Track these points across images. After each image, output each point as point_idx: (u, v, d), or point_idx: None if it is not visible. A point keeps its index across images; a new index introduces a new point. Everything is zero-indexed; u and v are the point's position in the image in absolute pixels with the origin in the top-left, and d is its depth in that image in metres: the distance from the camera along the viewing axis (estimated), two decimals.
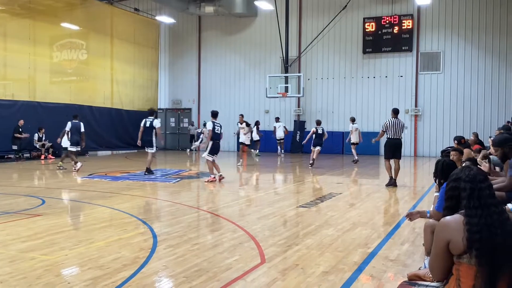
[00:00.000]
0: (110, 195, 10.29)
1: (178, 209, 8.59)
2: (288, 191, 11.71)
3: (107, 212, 8.40)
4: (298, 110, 26.91)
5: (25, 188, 11.35)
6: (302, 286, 4.39)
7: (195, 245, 5.93)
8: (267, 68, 27.23)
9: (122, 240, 6.15)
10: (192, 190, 12.00)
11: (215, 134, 12.97)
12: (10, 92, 20.89)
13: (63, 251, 5.53)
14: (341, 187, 12.35)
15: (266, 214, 8.13)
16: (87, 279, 4.48)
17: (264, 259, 5.25)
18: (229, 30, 28.55)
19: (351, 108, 25.60)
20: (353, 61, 25.74)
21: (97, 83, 25.48)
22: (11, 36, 20.60)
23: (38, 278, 4.50)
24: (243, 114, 20.15)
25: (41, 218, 7.47)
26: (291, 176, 15.85)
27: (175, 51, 30.41)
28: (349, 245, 5.95)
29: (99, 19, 25.04)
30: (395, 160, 11.97)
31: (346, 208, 8.83)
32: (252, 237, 6.33)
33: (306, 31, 26.61)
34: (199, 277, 4.60)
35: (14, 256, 5.24)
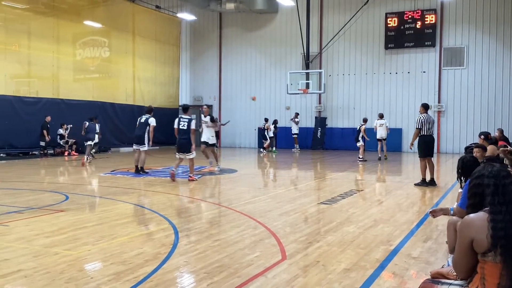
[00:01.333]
0: (132, 191, 10.39)
1: (199, 206, 8.63)
2: (309, 188, 11.67)
3: (129, 208, 8.48)
4: (319, 106, 26.78)
5: (49, 184, 11.54)
6: (323, 282, 4.36)
7: (216, 241, 5.94)
8: (288, 65, 27.14)
9: (144, 235, 6.20)
10: (212, 186, 12.04)
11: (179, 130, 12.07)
12: (35, 90, 21.24)
13: (86, 246, 5.60)
14: (362, 184, 12.25)
15: (287, 210, 8.11)
16: (109, 274, 4.53)
17: (285, 256, 5.23)
18: (249, 26, 28.53)
19: (373, 104, 25.38)
20: (375, 57, 25.49)
21: (119, 80, 25.74)
22: (35, 34, 20.94)
23: (61, 273, 4.56)
24: (208, 105, 15.74)
25: (65, 214, 7.58)
26: (312, 173, 15.79)
27: (196, 48, 30.53)
28: (371, 242, 5.89)
29: (121, 16, 25.28)
30: (429, 158, 11.53)
31: (368, 205, 8.76)
32: (273, 233, 6.32)
33: (327, 27, 26.44)
34: (220, 273, 4.61)
35: (38, 251, 5.33)
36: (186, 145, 11.99)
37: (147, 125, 13.72)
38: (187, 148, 12.03)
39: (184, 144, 11.96)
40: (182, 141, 11.97)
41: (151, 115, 14.09)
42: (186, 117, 12.16)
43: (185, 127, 11.91)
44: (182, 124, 11.97)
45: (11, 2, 20.03)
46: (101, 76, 25.10)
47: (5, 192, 10.15)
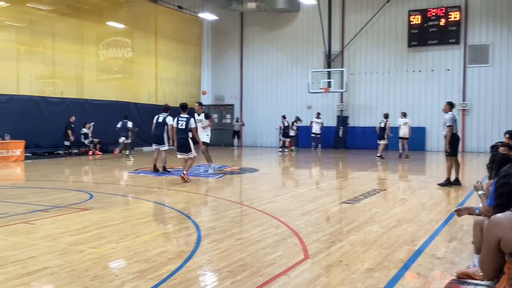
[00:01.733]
0: (155, 190, 10.49)
1: (221, 204, 8.66)
2: (331, 187, 11.61)
3: (152, 207, 8.57)
4: (341, 105, 26.63)
5: (74, 183, 11.72)
6: (346, 282, 4.34)
7: (239, 240, 5.96)
8: (309, 63, 27.05)
9: (167, 234, 6.25)
10: (234, 185, 12.08)
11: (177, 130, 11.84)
12: (59, 90, 21.59)
13: (111, 244, 5.67)
14: (385, 183, 12.14)
15: (309, 210, 8.09)
16: (133, 272, 4.58)
17: (307, 255, 5.22)
18: (271, 25, 28.52)
19: (396, 102, 25.12)
20: (397, 55, 25.24)
21: (142, 80, 26.00)
22: (60, 35, 21.28)
23: (86, 270, 4.63)
24: (201, 103, 14.72)
25: (89, 212, 7.69)
26: (334, 172, 15.71)
27: (217, 47, 30.64)
28: (394, 242, 5.83)
29: (143, 17, 25.52)
30: (455, 157, 11.17)
31: (391, 205, 8.67)
32: (295, 232, 6.31)
33: (349, 25, 26.27)
34: (242, 271, 4.62)
35: (64, 249, 5.41)
36: (186, 144, 11.76)
37: (165, 124, 13.65)
38: (186, 148, 11.77)
39: (183, 144, 11.74)
40: (181, 141, 11.75)
41: (168, 113, 13.98)
42: (184, 116, 11.86)
43: (183, 126, 11.69)
44: (180, 123, 11.73)
45: (36, 4, 20.38)
46: (124, 76, 25.39)
47: (31, 191, 10.35)
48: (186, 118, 11.77)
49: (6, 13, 19.73)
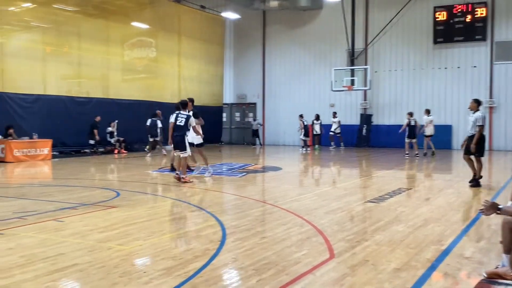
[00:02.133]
0: (180, 188, 10.57)
1: (245, 203, 8.68)
2: (355, 186, 11.53)
3: (177, 205, 8.64)
4: (364, 103, 26.41)
5: (100, 181, 11.90)
6: (373, 282, 4.31)
7: (263, 238, 5.97)
8: (332, 61, 26.90)
9: (192, 232, 6.30)
10: (257, 184, 12.10)
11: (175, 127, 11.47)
12: (85, 90, 21.93)
13: (138, 241, 5.75)
14: (411, 182, 12.01)
15: (334, 208, 8.06)
16: (161, 269, 4.63)
17: (333, 254, 5.20)
18: (293, 24, 28.44)
19: (421, 100, 24.81)
20: (423, 52, 24.92)
21: (165, 79, 26.23)
22: (85, 36, 21.60)
23: (115, 267, 4.70)
24: (192, 99, 12.84)
25: (116, 210, 7.81)
26: (357, 171, 15.60)
27: (240, 46, 30.70)
28: (421, 242, 5.77)
29: (167, 17, 25.74)
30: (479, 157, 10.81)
31: (417, 204, 8.57)
32: (320, 231, 6.30)
33: (373, 22, 26.03)
34: (268, 270, 4.63)
35: (93, 246, 5.51)
36: (181, 142, 11.42)
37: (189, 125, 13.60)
38: (181, 146, 11.44)
39: (178, 141, 11.43)
40: (177, 138, 11.43)
41: None
42: (184, 113, 11.50)
43: (182, 123, 11.34)
44: (179, 120, 11.38)
45: (62, 5, 20.73)
46: (148, 76, 25.66)
47: (59, 189, 10.55)
48: (186, 115, 11.46)
49: (33, 14, 20.12)
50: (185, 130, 11.40)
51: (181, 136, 11.37)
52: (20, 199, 8.96)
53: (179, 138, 11.41)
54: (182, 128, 11.34)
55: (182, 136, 11.37)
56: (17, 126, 17.96)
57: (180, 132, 11.37)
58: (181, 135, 11.36)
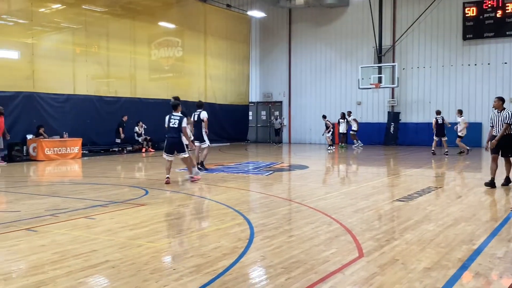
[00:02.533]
0: (207, 186, 10.65)
1: (272, 201, 8.69)
2: (383, 185, 11.42)
3: (205, 203, 8.71)
4: (392, 101, 26.11)
5: (129, 179, 12.08)
6: (403, 281, 4.27)
7: (291, 237, 5.97)
8: (359, 59, 26.67)
9: (221, 230, 6.34)
10: (284, 182, 12.09)
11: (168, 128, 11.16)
12: (114, 89, 22.26)
13: (167, 239, 5.82)
14: (440, 181, 11.83)
15: (362, 207, 8.00)
16: (190, 266, 4.68)
17: (362, 253, 5.17)
18: (319, 21, 28.30)
19: (450, 98, 24.41)
20: (452, 49, 24.49)
21: (192, 78, 26.42)
22: (113, 36, 21.92)
23: (145, 264, 4.77)
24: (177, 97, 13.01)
25: (145, 208, 7.92)
26: (385, 169, 15.44)
27: (265, 44, 30.70)
28: (452, 241, 5.69)
29: (193, 16, 25.92)
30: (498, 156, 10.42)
31: (447, 203, 8.45)
32: (348, 230, 6.27)
33: (401, 18, 25.71)
34: (296, 268, 4.63)
35: (123, 243, 5.60)
36: (177, 144, 11.12)
37: (202, 120, 13.58)
38: (178, 147, 11.13)
39: (174, 143, 11.11)
40: (172, 140, 11.10)
41: (202, 109, 13.94)
42: (177, 114, 11.17)
43: (176, 125, 11.02)
44: (173, 122, 11.07)
45: (91, 6, 21.09)
46: (174, 75, 25.89)
47: (90, 187, 10.75)
48: (179, 116, 11.14)
49: (63, 15, 20.52)
50: (179, 132, 11.10)
51: (176, 138, 11.07)
52: (52, 197, 9.16)
53: (174, 140, 11.09)
54: (176, 129, 11.05)
55: (177, 138, 11.08)
56: (48, 126, 18.37)
57: (175, 134, 11.06)
58: (176, 137, 11.06)
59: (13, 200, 9.08)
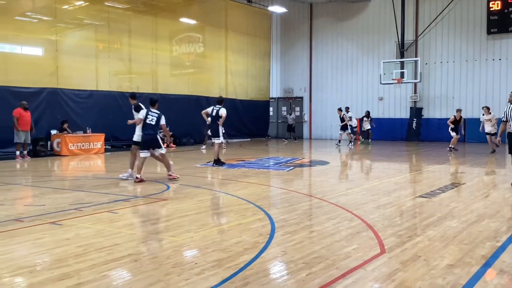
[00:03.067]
0: (228, 182, 10.69)
1: (293, 197, 8.69)
2: (405, 181, 11.32)
3: (226, 198, 8.75)
4: (414, 96, 25.81)
5: (151, 174, 12.17)
6: (425, 278, 4.24)
7: (312, 232, 5.96)
8: (381, 54, 26.42)
9: (242, 225, 6.37)
10: (305, 178, 12.07)
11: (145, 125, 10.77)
12: (135, 85, 22.47)
13: (189, 233, 5.87)
14: (464, 177, 11.67)
15: (383, 203, 7.94)
16: (212, 260, 4.72)
17: (384, 249, 5.14)
18: (341, 16, 28.10)
19: (474, 93, 24.01)
20: (476, 43, 24.07)
21: (213, 74, 26.52)
22: (135, 32, 22.12)
23: (168, 258, 4.82)
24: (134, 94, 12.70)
25: (167, 203, 7.99)
26: (407, 165, 15.29)
27: (286, 40, 30.61)
28: (476, 238, 5.61)
29: (214, 12, 25.99)
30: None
31: (471, 199, 8.33)
32: (370, 226, 6.23)
33: (423, 13, 25.36)
34: (318, 264, 4.63)
35: (146, 237, 5.67)
36: (153, 140, 10.77)
37: (219, 117, 13.52)
38: (154, 143, 10.78)
39: (151, 140, 10.75)
40: (148, 137, 10.74)
41: (222, 105, 13.80)
42: (155, 111, 10.90)
43: (153, 122, 10.71)
44: (150, 118, 10.74)
45: (113, 3, 21.32)
46: (195, 71, 26.01)
47: (113, 181, 10.89)
48: (157, 114, 10.86)
49: (86, 12, 20.77)
50: (156, 129, 10.80)
51: (152, 135, 10.76)
52: (76, 191, 9.31)
53: (150, 137, 10.75)
54: (153, 127, 10.73)
55: (153, 135, 10.77)
56: (71, 121, 18.64)
57: (151, 131, 10.74)
58: (151, 134, 10.74)
59: (38, 194, 9.25)
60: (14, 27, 17.78)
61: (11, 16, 17.88)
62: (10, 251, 5.11)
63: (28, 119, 16.19)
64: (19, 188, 10.42)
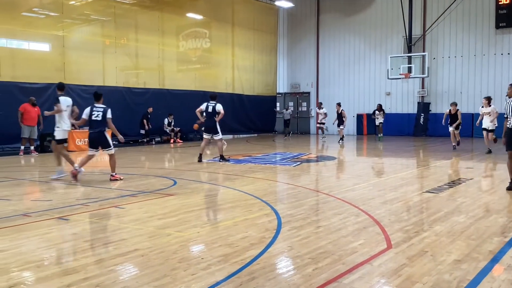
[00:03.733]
0: (234, 177, 10.69)
1: (300, 192, 8.68)
2: (412, 176, 11.27)
3: (232, 194, 8.74)
4: (422, 91, 25.68)
5: (158, 170, 12.21)
6: (432, 273, 4.22)
7: (319, 227, 5.95)
8: (388, 49, 26.29)
9: (248, 220, 6.37)
10: (312, 173, 12.05)
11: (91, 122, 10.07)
12: (142, 81, 22.53)
13: (195, 228, 5.87)
14: (471, 172, 11.60)
15: (390, 199, 7.91)
16: (218, 255, 4.72)
17: (390, 245, 5.12)
18: (348, 11, 27.97)
19: (482, 88, 23.84)
20: (484, 37, 23.88)
21: (219, 69, 26.52)
22: (142, 28, 22.15)
23: (174, 253, 4.83)
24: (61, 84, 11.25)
25: (174, 198, 8.00)
26: (414, 160, 15.22)
27: (293, 35, 30.53)
28: (483, 233, 5.58)
29: (221, 8, 25.96)
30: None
31: (478, 195, 8.28)
32: (376, 221, 6.21)
33: (431, 7, 25.19)
34: (324, 259, 4.62)
35: (152, 232, 5.68)
36: (101, 138, 10.10)
37: (216, 114, 13.24)
38: (102, 142, 10.15)
39: (98, 137, 10.08)
40: (95, 134, 10.05)
41: (216, 101, 13.50)
42: (100, 106, 10.10)
43: (99, 117, 9.95)
44: (95, 114, 9.95)
45: None
46: (202, 66, 26.03)
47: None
48: (103, 108, 10.10)
49: (93, 7, 20.83)
50: (103, 125, 10.06)
51: (100, 132, 10.06)
52: (83, 187, 9.35)
53: (98, 135, 10.06)
54: (100, 123, 10.00)
55: (101, 132, 10.08)
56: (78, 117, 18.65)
57: (98, 128, 10.02)
58: (99, 131, 10.05)
59: (45, 189, 9.30)
60: (21, 23, 17.87)
61: (18, 12, 17.96)
62: (18, 246, 5.14)
63: (34, 115, 16.26)
64: (26, 183, 10.48)
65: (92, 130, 10.05)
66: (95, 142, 10.15)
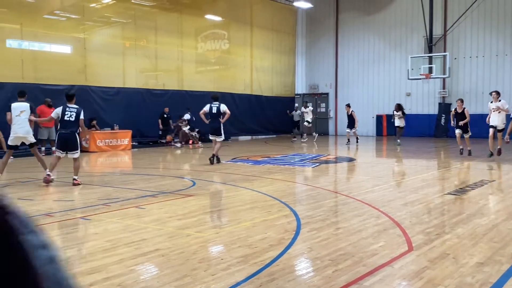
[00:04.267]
0: (253, 178, 10.70)
1: (319, 193, 8.65)
2: (433, 177, 11.14)
3: (251, 195, 8.75)
4: (443, 91, 25.36)
5: (177, 171, 12.30)
6: (454, 276, 4.16)
7: (338, 229, 5.93)
8: (408, 49, 26.02)
9: (267, 221, 6.37)
10: (331, 175, 11.99)
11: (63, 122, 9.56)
12: (161, 82, 22.69)
13: (215, 229, 5.90)
14: (494, 174, 11.42)
15: (411, 200, 7.83)
16: (238, 256, 4.73)
17: (411, 247, 5.07)
18: (367, 10, 27.77)
19: (504, 88, 23.41)
20: (506, 37, 23.49)
21: (238, 71, 26.56)
22: (161, 29, 22.32)
23: (194, 253, 4.86)
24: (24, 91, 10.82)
25: (193, 199, 8.05)
26: (435, 162, 15.05)
27: (312, 35, 30.42)
28: (506, 236, 5.49)
29: (239, 9, 26.01)
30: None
31: (501, 197, 8.16)
32: (397, 223, 6.15)
33: (452, 6, 24.87)
34: (344, 261, 4.60)
35: (172, 232, 5.72)
36: (71, 138, 9.63)
37: (220, 114, 13.23)
38: (72, 143, 9.65)
39: (68, 139, 9.60)
40: (67, 136, 9.59)
41: (219, 102, 13.46)
42: (73, 106, 9.64)
43: (72, 118, 9.50)
44: (68, 114, 9.51)
45: (139, 0, 21.56)
46: (221, 67, 26.11)
47: (140, 177, 11.02)
48: (76, 108, 9.65)
49: (113, 10, 21.06)
50: (76, 127, 9.64)
51: (71, 134, 9.62)
52: (104, 187, 9.46)
53: (68, 136, 9.60)
54: (73, 124, 9.57)
55: (72, 134, 9.64)
56: (99, 118, 18.93)
57: (70, 129, 9.58)
58: (71, 133, 9.62)
59: (67, 189, 9.43)
60: (43, 26, 18.14)
61: (40, 15, 18.25)
62: None
63: None
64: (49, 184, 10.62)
65: (64, 130, 9.62)
66: (63, 144, 9.68)
